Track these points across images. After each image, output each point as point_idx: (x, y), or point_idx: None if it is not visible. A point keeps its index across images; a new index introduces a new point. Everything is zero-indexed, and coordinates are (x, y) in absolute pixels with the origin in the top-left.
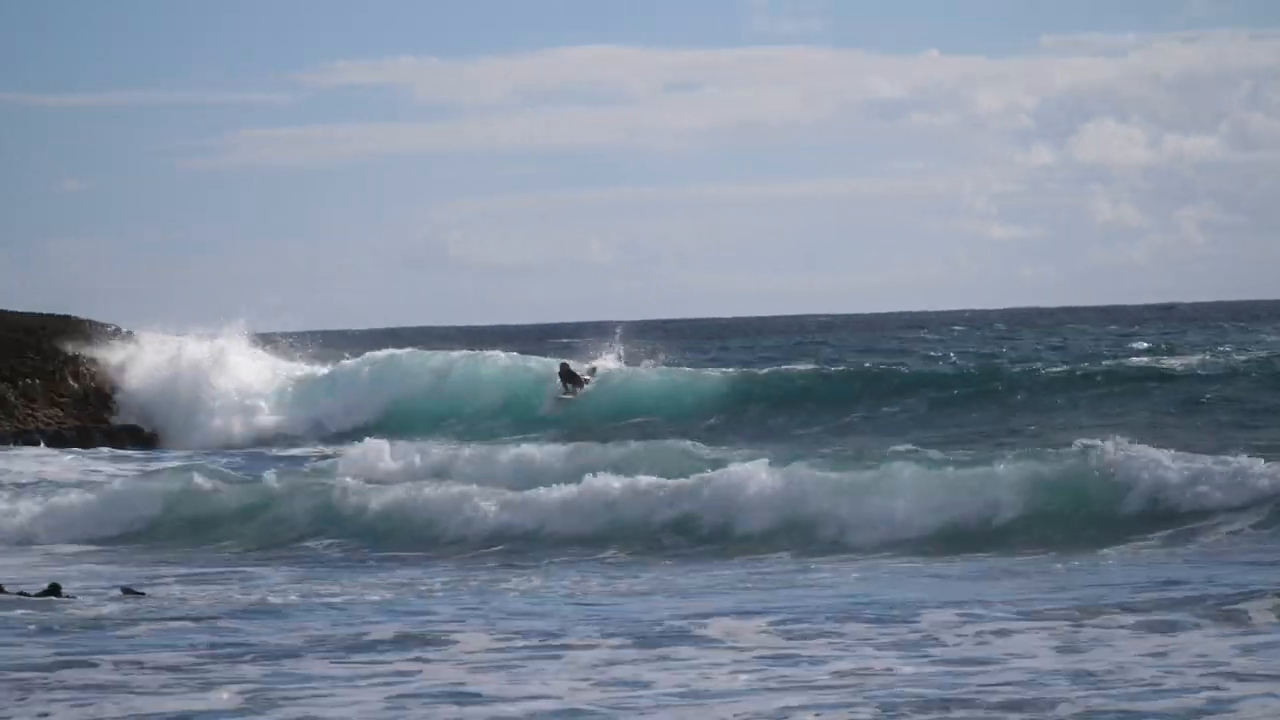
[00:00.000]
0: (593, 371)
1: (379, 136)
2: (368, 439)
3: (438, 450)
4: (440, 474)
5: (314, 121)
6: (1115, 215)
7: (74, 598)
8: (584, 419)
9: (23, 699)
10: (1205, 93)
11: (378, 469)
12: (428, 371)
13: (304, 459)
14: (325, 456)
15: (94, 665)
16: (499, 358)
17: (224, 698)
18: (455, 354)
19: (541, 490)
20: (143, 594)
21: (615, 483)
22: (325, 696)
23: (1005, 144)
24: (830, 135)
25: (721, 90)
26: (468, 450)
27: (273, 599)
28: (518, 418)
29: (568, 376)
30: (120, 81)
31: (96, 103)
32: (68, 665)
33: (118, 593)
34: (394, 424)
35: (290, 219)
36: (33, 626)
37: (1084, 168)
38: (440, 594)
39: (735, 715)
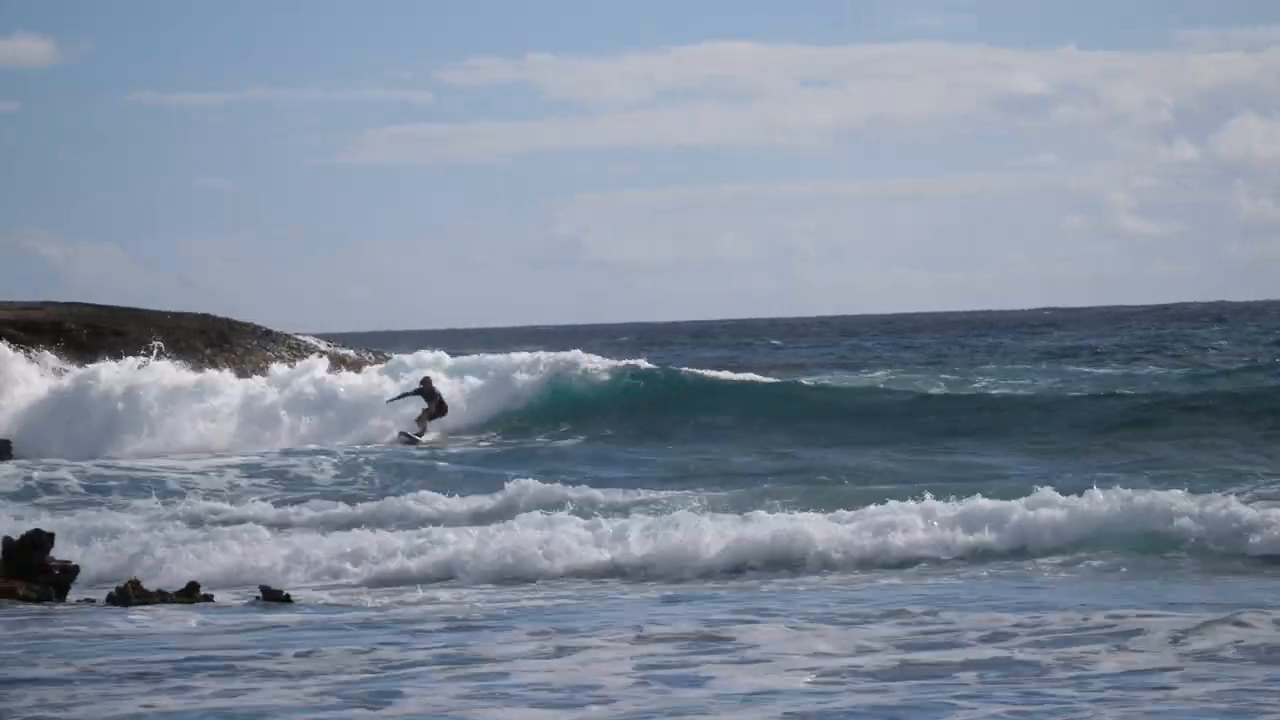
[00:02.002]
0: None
1: (514, 134)
2: None
3: None
4: None
5: (449, 119)
6: (1255, 211)
7: (211, 596)
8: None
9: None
10: None
11: None
12: None
13: None
14: None
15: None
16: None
17: None
18: None
19: None
20: (287, 597)
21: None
22: None
23: (1145, 140)
24: (968, 130)
25: (858, 86)
26: None
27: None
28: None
29: (428, 394)
30: (257, 80)
31: (234, 101)
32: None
33: (258, 593)
34: None
35: (425, 217)
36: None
37: (1225, 164)
38: None
39: None
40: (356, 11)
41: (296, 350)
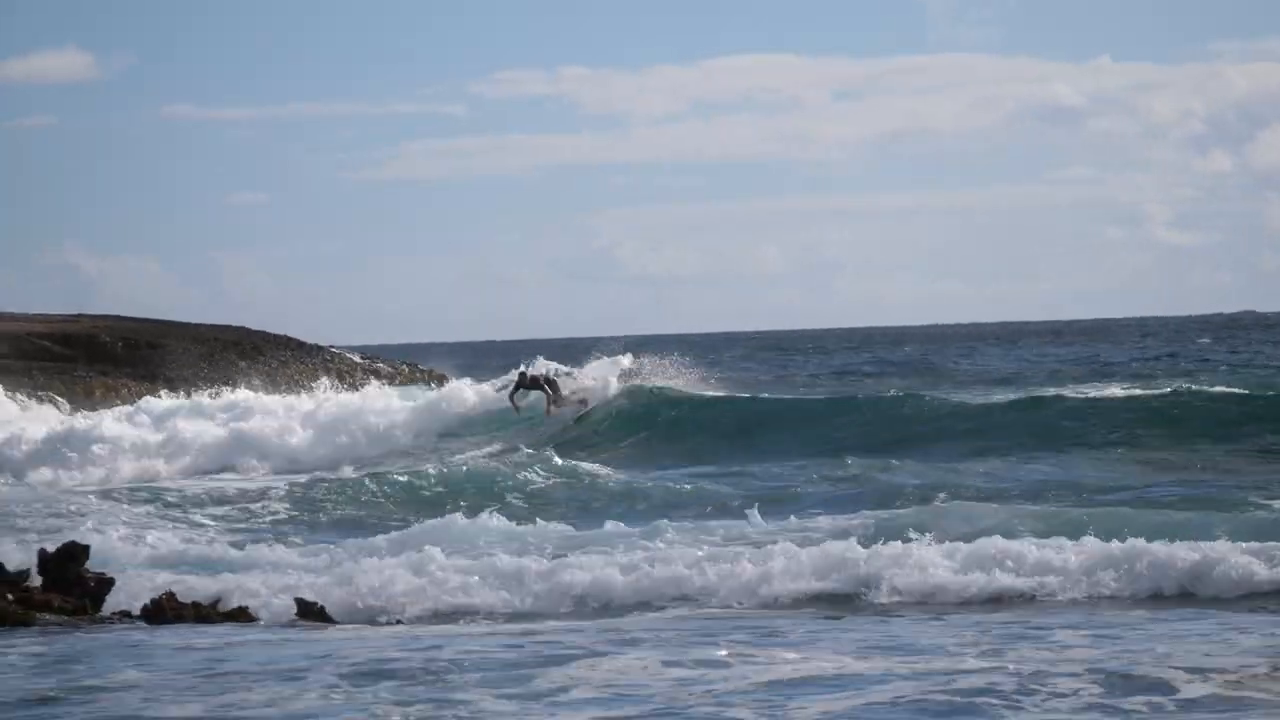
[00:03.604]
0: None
1: (547, 147)
2: None
3: None
4: None
5: (482, 132)
6: None
7: (246, 609)
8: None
9: None
10: None
11: None
12: None
13: None
14: None
15: None
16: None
17: None
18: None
19: None
20: (321, 610)
21: None
22: None
23: (1180, 151)
24: (1003, 143)
25: (892, 98)
26: None
27: None
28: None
29: (530, 385)
30: (290, 95)
31: (267, 116)
32: None
33: (289, 600)
34: None
35: (459, 230)
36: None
37: (1260, 174)
38: None
39: None
40: (390, 26)
41: (330, 362)
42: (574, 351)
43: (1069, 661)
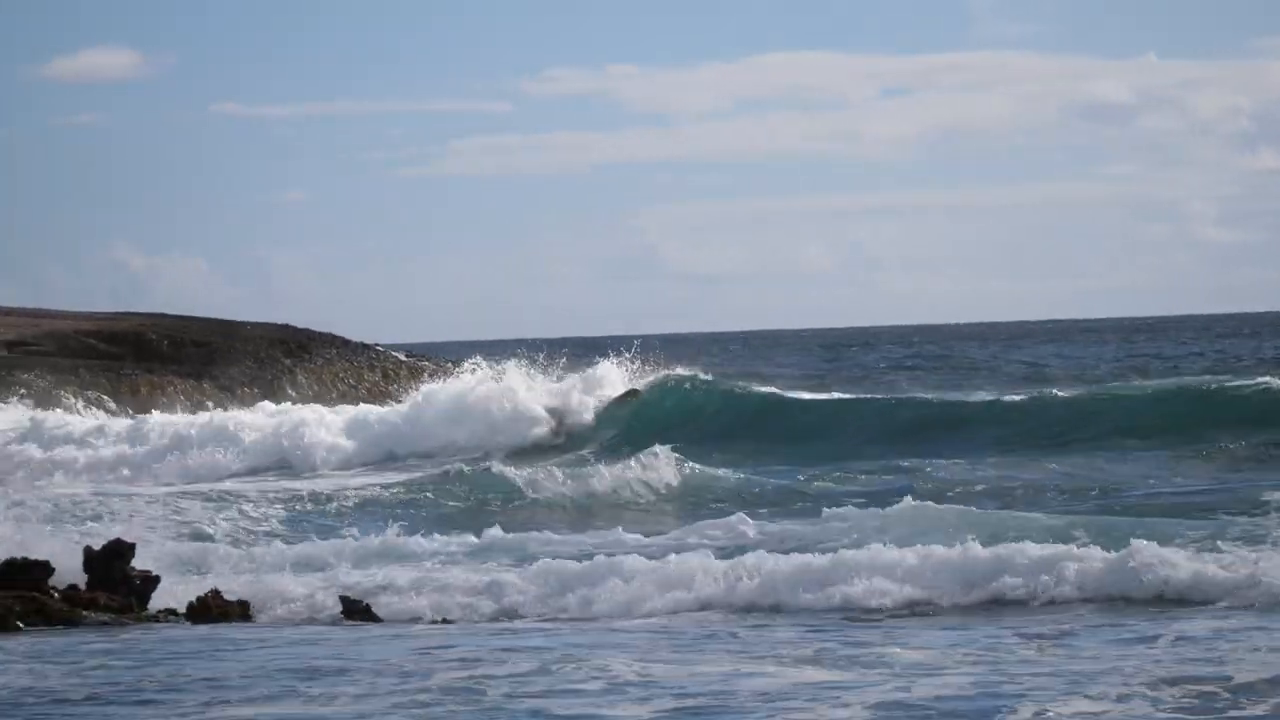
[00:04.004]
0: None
1: (593, 145)
2: None
3: None
4: None
5: (529, 130)
6: None
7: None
8: None
9: None
10: None
11: None
12: None
13: None
14: None
15: None
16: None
17: None
18: None
19: None
20: (367, 608)
21: None
22: None
23: (1226, 148)
24: (1047, 139)
25: (939, 95)
26: None
27: None
28: None
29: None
30: (337, 92)
31: (314, 113)
32: None
33: (335, 601)
34: None
35: (504, 228)
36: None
37: None
38: None
39: None
40: (438, 25)
41: (376, 361)
42: (612, 350)
43: (1114, 659)
